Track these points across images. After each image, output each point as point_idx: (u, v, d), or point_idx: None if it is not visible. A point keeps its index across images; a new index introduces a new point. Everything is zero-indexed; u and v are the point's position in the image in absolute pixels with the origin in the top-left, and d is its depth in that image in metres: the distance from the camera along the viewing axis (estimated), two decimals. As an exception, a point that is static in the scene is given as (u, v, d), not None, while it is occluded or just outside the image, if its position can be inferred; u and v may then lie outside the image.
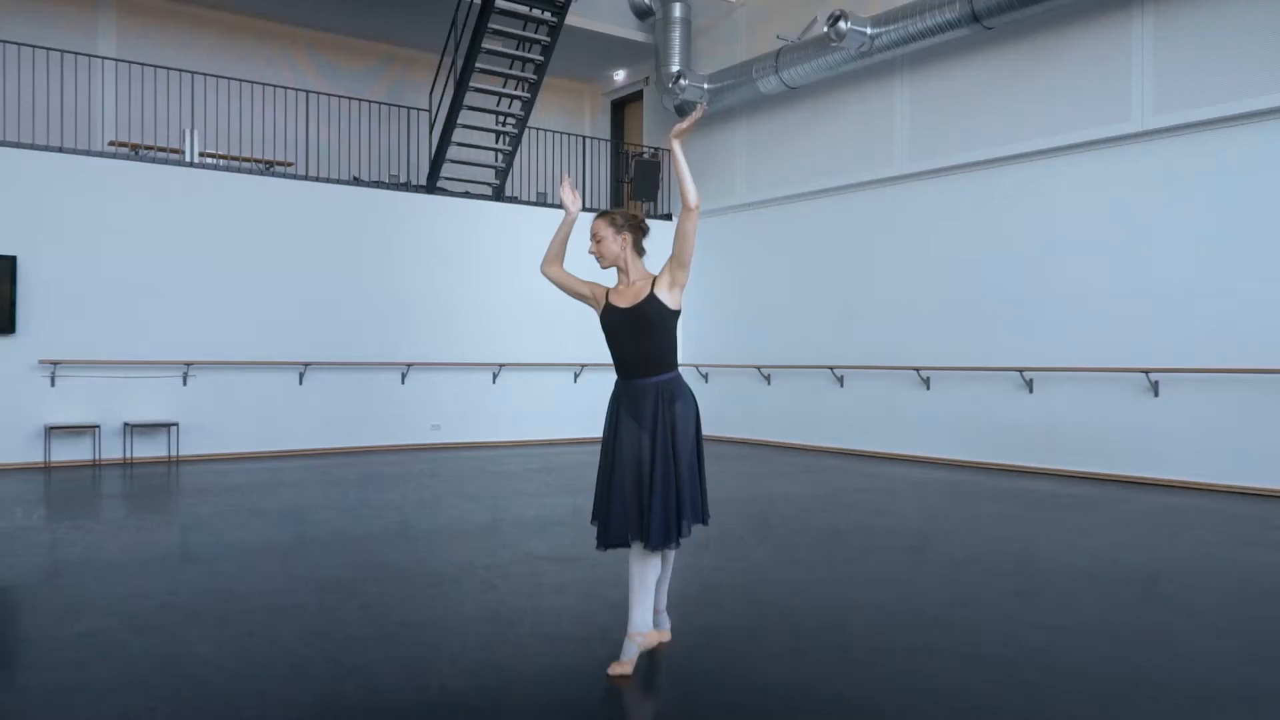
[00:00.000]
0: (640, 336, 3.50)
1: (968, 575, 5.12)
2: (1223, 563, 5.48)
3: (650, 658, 3.57)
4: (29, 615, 4.31)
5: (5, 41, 10.11)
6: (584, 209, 3.97)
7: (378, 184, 12.31)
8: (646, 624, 3.47)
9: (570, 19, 12.52)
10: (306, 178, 11.60)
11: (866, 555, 5.73)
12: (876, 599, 4.60)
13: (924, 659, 3.64)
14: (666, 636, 3.75)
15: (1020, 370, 9.79)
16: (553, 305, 11.79)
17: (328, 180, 11.74)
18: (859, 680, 3.42)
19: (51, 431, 9.67)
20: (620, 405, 3.54)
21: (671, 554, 3.67)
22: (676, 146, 3.44)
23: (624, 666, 3.39)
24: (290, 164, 12.17)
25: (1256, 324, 8.11)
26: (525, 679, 3.36)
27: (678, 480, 3.43)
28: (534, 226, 12.24)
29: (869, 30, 10.58)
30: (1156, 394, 8.79)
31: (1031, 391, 9.78)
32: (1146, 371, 8.78)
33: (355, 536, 6.11)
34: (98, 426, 9.91)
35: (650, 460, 3.42)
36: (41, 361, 9.63)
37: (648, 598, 3.47)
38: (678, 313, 3.53)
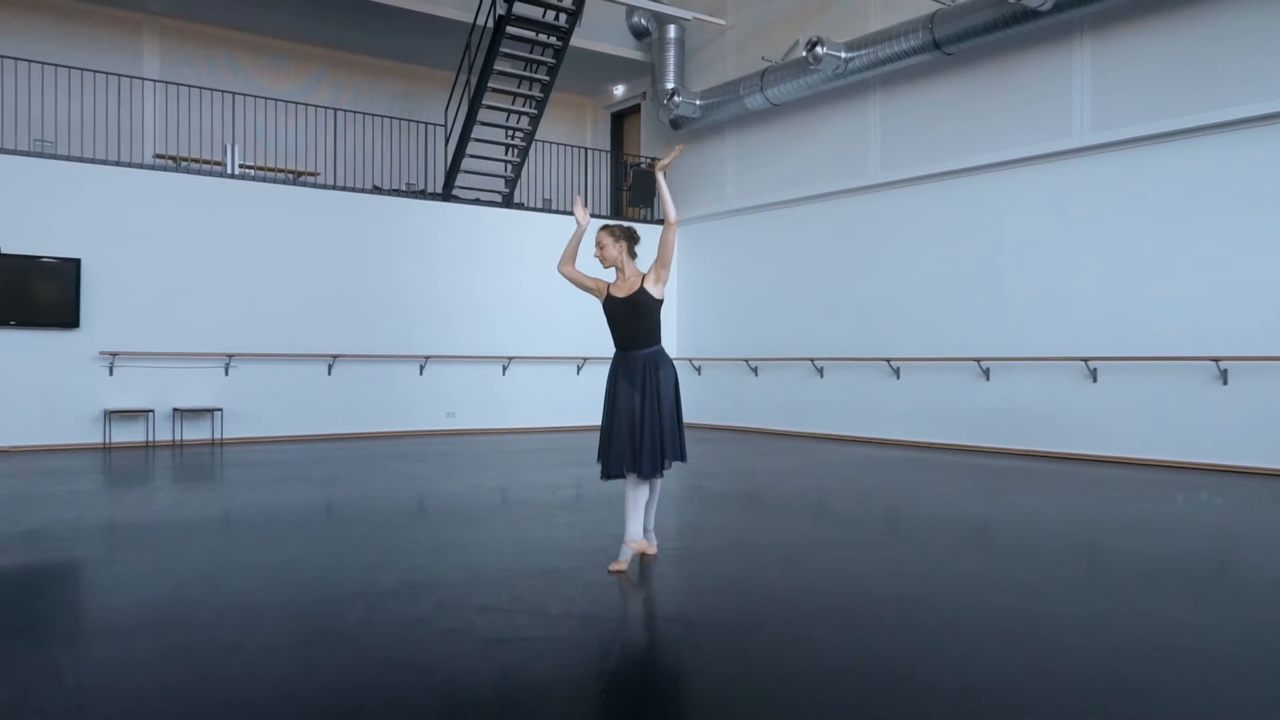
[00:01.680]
0: (634, 319, 4.65)
1: (903, 518, 6.27)
2: (1116, 514, 6.62)
3: (640, 562, 4.71)
4: (153, 539, 5.43)
5: (68, 66, 11.26)
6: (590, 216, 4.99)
7: (397, 192, 13.45)
8: (638, 534, 4.62)
9: (574, 40, 13.64)
10: (333, 187, 12.75)
11: (823, 507, 6.88)
12: (823, 530, 5.75)
13: (851, 563, 4.79)
14: (653, 550, 4.88)
15: (978, 360, 10.93)
16: (557, 303, 12.98)
17: (351, 189, 12.90)
18: (797, 572, 4.57)
19: (110, 415, 10.81)
20: (618, 372, 4.68)
21: (658, 483, 4.81)
22: (660, 177, 4.60)
23: (621, 564, 4.53)
24: (316, 174, 13.31)
25: (1180, 318, 9.24)
26: (549, 573, 4.50)
27: (661, 427, 4.57)
28: (540, 231, 13.44)
29: (843, 54, 11.74)
30: (1095, 380, 9.92)
31: (988, 379, 10.92)
32: (1086, 360, 9.92)
33: (396, 494, 7.25)
34: (151, 411, 11.06)
35: (640, 412, 4.56)
36: (102, 353, 10.78)
37: (639, 514, 4.61)
38: (661, 301, 4.68)
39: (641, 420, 4.54)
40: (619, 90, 16.62)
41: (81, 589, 4.25)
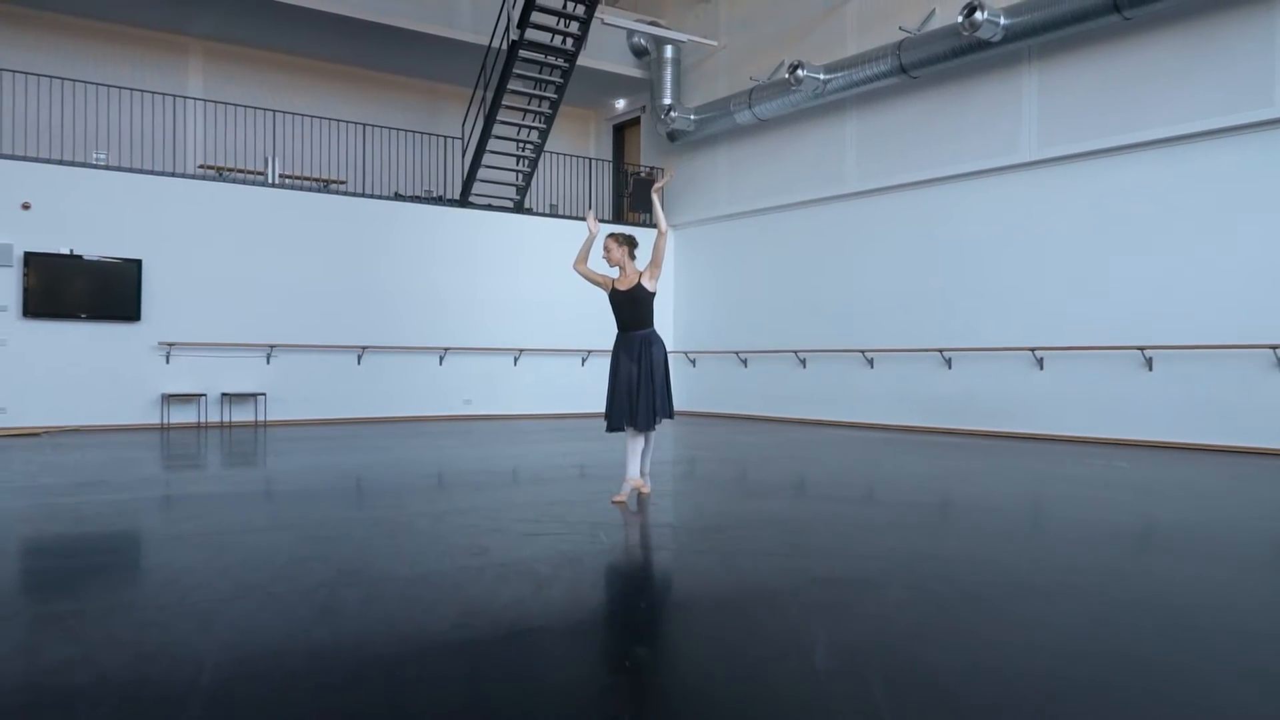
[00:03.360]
0: (633, 308, 5.97)
1: (856, 476, 7.58)
2: (1039, 476, 7.93)
3: (638, 496, 6.02)
4: (244, 484, 6.75)
5: (124, 87, 12.59)
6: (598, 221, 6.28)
7: (417, 199, 14.78)
8: (636, 474, 5.93)
9: (580, 60, 14.94)
10: (359, 194, 14.07)
11: (794, 470, 8.19)
12: (790, 483, 7.06)
13: (805, 501, 6.11)
14: (648, 489, 6.19)
15: (941, 351, 12.24)
16: (564, 300, 14.29)
17: (376, 196, 14.22)
18: (760, 503, 5.89)
19: (167, 398, 12.14)
20: (620, 348, 6.00)
21: (653, 436, 6.11)
22: (655, 197, 5.92)
23: (621, 497, 5.85)
24: (343, 182, 14.63)
25: (1115, 311, 10.54)
26: (565, 503, 5.82)
27: (654, 391, 5.88)
28: (548, 234, 14.78)
29: (822, 76, 13.07)
30: (1042, 368, 11.23)
31: (950, 368, 12.23)
32: (1034, 350, 11.22)
33: (430, 460, 8.57)
34: (203, 395, 12.39)
35: (637, 379, 5.87)
36: (160, 343, 12.11)
37: (636, 459, 5.93)
38: (654, 294, 6.00)
39: (638, 385, 5.85)
40: (620, 104, 17.95)
41: (208, 509, 5.55)
